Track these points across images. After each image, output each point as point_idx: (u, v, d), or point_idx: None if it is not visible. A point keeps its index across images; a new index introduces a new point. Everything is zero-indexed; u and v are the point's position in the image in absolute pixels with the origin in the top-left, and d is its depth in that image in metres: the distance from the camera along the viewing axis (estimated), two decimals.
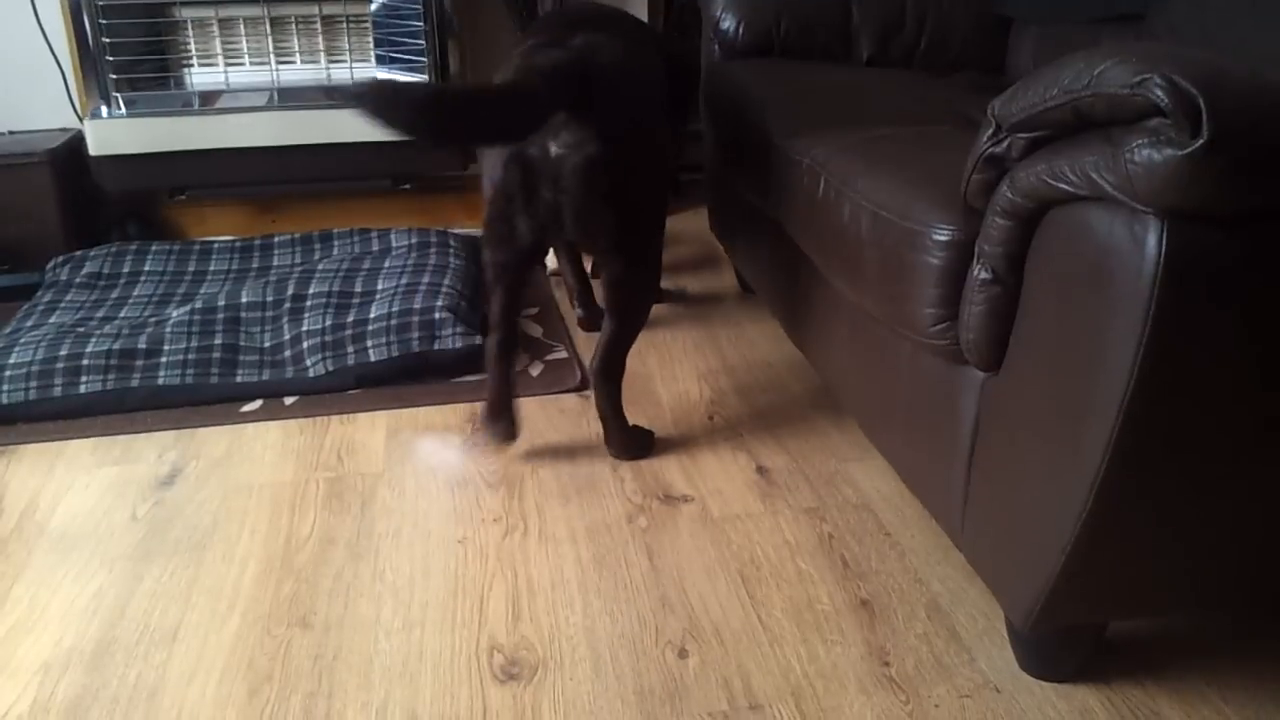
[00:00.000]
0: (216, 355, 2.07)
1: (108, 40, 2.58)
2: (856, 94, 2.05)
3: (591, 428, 1.95)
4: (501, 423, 1.84)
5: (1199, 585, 1.25)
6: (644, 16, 3.22)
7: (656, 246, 1.80)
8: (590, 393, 2.06)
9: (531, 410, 2.02)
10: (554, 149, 1.58)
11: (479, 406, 2.02)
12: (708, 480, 1.78)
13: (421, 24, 2.67)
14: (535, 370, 2.17)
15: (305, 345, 2.10)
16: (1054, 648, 1.33)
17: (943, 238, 1.28)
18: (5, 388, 1.94)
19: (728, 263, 2.72)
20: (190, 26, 2.70)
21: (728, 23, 2.36)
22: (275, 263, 2.55)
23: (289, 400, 2.03)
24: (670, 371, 2.15)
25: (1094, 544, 1.13)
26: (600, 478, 1.80)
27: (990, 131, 1.19)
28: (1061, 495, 1.12)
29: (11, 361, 1.99)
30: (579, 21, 1.87)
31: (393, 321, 2.13)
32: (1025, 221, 1.16)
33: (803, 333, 1.91)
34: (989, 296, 1.22)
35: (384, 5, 2.72)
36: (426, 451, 1.88)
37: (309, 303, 2.21)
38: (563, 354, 2.24)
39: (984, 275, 1.22)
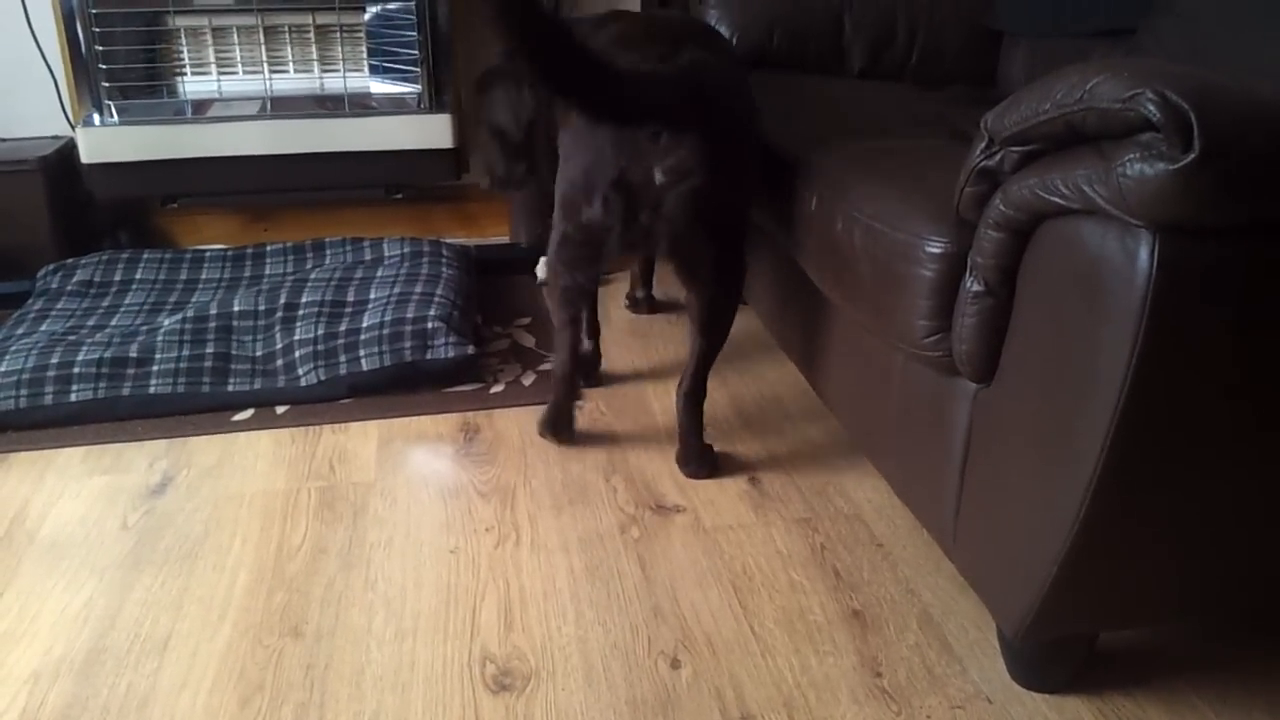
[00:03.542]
0: (208, 364, 2.07)
1: (100, 48, 2.57)
2: (849, 106, 2.06)
3: (584, 437, 1.95)
4: (564, 434, 1.93)
5: (1190, 595, 1.26)
6: None
7: (744, 264, 1.77)
8: (583, 403, 2.07)
9: (524, 420, 2.02)
10: (658, 175, 1.56)
11: (470, 416, 2.03)
12: (700, 491, 1.78)
13: (415, 34, 2.67)
14: (527, 380, 2.17)
15: (297, 354, 2.10)
16: (1045, 658, 1.33)
17: (935, 250, 1.28)
18: None
19: None
20: (184, 35, 2.70)
21: (722, 33, 2.37)
22: (267, 271, 2.54)
23: (281, 409, 2.02)
24: (663, 382, 2.15)
25: (1085, 555, 1.13)
26: (592, 488, 1.80)
27: (983, 145, 1.20)
28: (1053, 506, 1.13)
29: (2, 370, 1.98)
30: (667, 35, 1.73)
31: (385, 331, 2.12)
32: (1017, 234, 1.17)
33: (795, 344, 1.92)
34: (981, 308, 1.22)
35: (378, 15, 2.73)
36: (419, 461, 1.88)
37: (301, 311, 2.21)
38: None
39: (976, 287, 1.22)
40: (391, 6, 2.70)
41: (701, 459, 1.84)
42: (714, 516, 1.71)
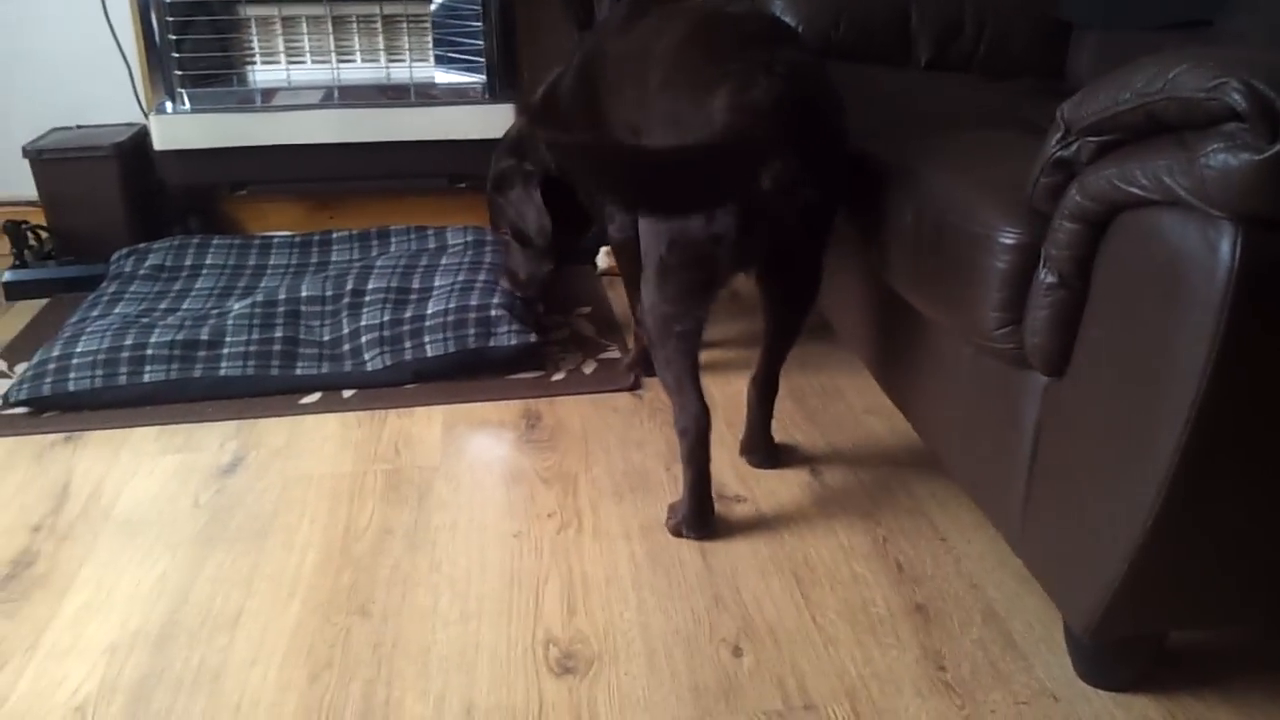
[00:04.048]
0: (277, 348, 2.11)
1: (174, 37, 2.63)
2: (917, 97, 2.04)
3: (644, 426, 1.96)
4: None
5: (1263, 596, 1.24)
6: None
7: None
8: (643, 392, 2.08)
9: (584, 408, 2.03)
10: (771, 183, 1.43)
11: (532, 403, 2.05)
12: (761, 481, 1.79)
13: (480, 24, 2.69)
14: (588, 368, 2.19)
15: (364, 340, 2.13)
16: (1113, 656, 1.32)
17: (1009, 241, 1.27)
18: (72, 375, 1.99)
19: None
20: (254, 24, 2.75)
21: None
22: (334, 258, 2.58)
23: (347, 393, 2.06)
24: (723, 373, 2.15)
25: (1158, 552, 1.12)
26: (653, 476, 1.80)
27: (1059, 135, 1.18)
28: (1126, 502, 1.12)
29: (79, 350, 2.03)
30: (750, 35, 1.58)
31: (450, 318, 2.15)
32: (1094, 225, 1.15)
33: (860, 336, 1.91)
34: (1055, 301, 1.21)
35: (443, 5, 2.75)
36: (482, 446, 1.90)
37: (367, 298, 2.24)
38: (615, 353, 2.25)
39: (1050, 279, 1.21)
40: None
41: (768, 450, 1.83)
42: (775, 507, 1.71)
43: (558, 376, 2.16)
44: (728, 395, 2.04)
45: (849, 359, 2.20)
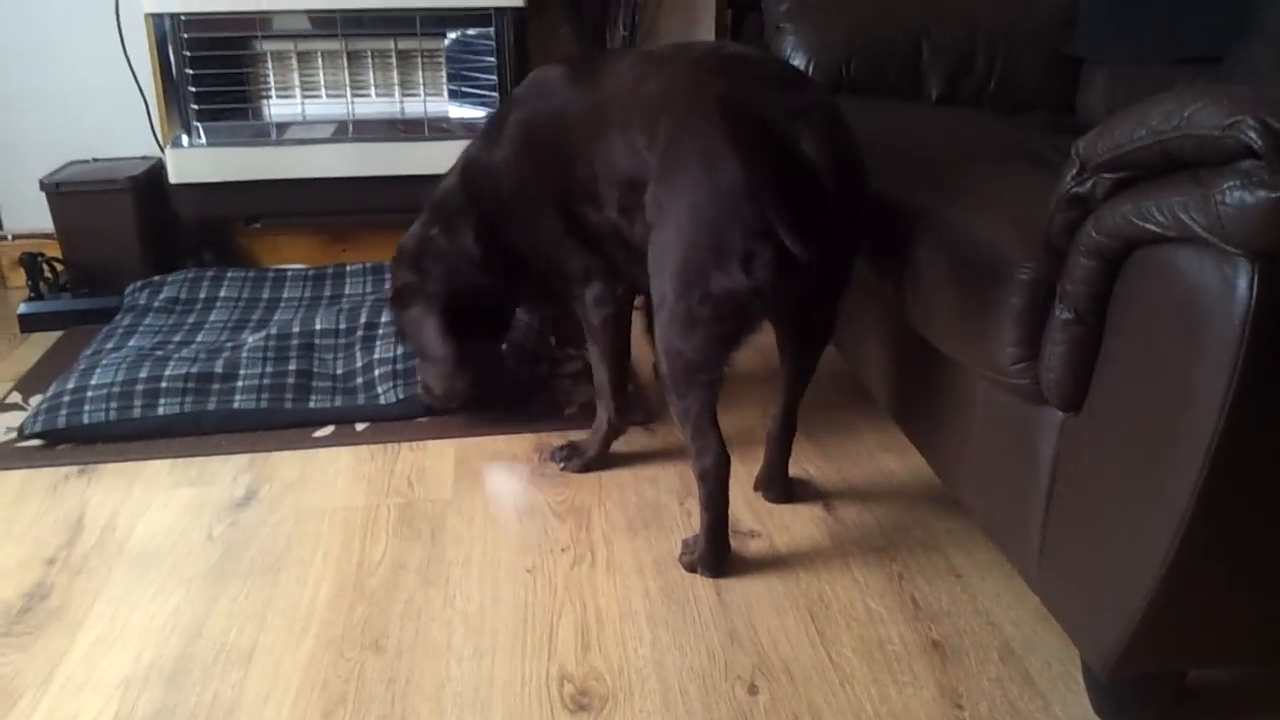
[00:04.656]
0: (290, 380, 2.11)
1: (190, 71, 2.66)
2: (929, 132, 2.05)
3: (657, 461, 1.96)
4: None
5: None
6: None
7: None
8: (655, 426, 2.08)
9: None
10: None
11: (544, 437, 2.04)
12: (774, 516, 1.78)
13: (493, 59, 2.72)
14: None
15: (377, 373, 2.14)
16: (1132, 694, 1.31)
17: (1024, 277, 1.27)
18: (87, 408, 1.99)
19: None
20: (270, 59, 2.77)
21: (797, 60, 2.38)
22: (347, 291, 2.60)
23: (360, 426, 2.06)
24: (732, 404, 2.15)
25: (1178, 590, 1.11)
26: (667, 511, 1.80)
27: (1074, 171, 1.19)
28: (1145, 539, 1.11)
29: (93, 382, 2.04)
30: (776, 75, 1.58)
31: None
32: (1110, 261, 1.16)
33: (872, 372, 1.91)
34: (1071, 336, 1.21)
35: (457, 40, 2.78)
36: (494, 480, 1.90)
37: (381, 331, 2.25)
38: (629, 388, 2.24)
39: (1066, 315, 1.21)
40: (471, 33, 2.75)
41: (784, 485, 1.83)
42: (789, 543, 1.71)
43: (570, 410, 2.16)
44: (739, 429, 2.04)
45: (863, 394, 2.20)
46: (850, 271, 1.61)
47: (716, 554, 1.61)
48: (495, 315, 2.04)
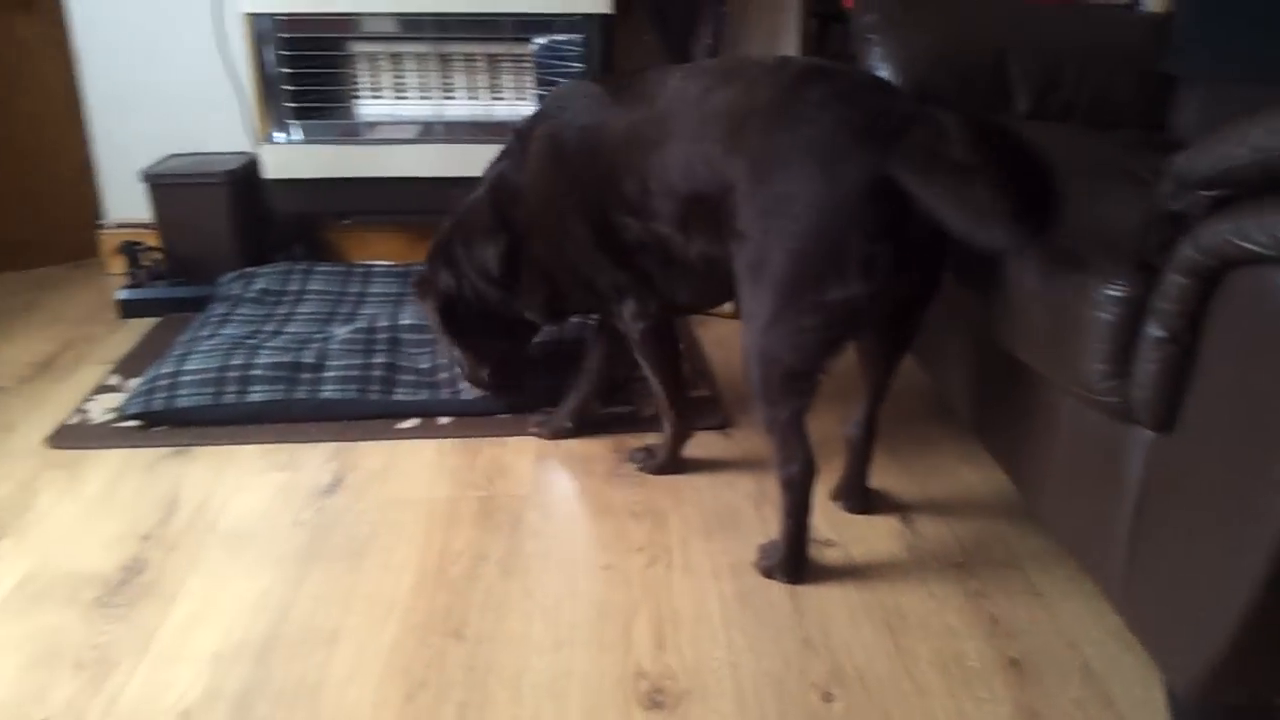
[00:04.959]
0: (377, 373, 2.16)
1: (286, 70, 2.73)
2: None
3: (734, 465, 1.97)
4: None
5: None
6: None
7: None
8: (732, 431, 2.09)
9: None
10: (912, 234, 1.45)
11: (622, 438, 2.07)
12: (851, 527, 1.78)
13: (581, 64, 2.75)
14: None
15: (458, 372, 2.18)
16: None
17: (1116, 294, 1.26)
18: (183, 392, 2.06)
19: None
20: (363, 60, 2.84)
21: (883, 72, 2.37)
22: None
23: (443, 420, 2.10)
24: (811, 415, 2.14)
25: (1269, 615, 1.09)
26: (743, 515, 1.81)
27: (1171, 188, 1.18)
28: (1236, 562, 1.10)
29: (189, 368, 2.11)
30: (854, 78, 1.57)
31: (547, 350, 2.19)
32: (1206, 280, 1.14)
33: (955, 386, 1.90)
34: (1163, 355, 1.20)
35: (545, 46, 2.82)
36: (573, 478, 1.93)
37: None
38: (706, 392, 2.26)
39: (1159, 333, 1.20)
40: (559, 38, 2.79)
41: (864, 495, 1.83)
42: (866, 554, 1.71)
43: (648, 412, 2.17)
44: (815, 439, 2.04)
45: (943, 407, 2.19)
46: (942, 274, 1.61)
47: (795, 561, 1.62)
48: (510, 322, 2.02)
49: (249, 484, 1.89)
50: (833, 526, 1.78)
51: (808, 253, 1.45)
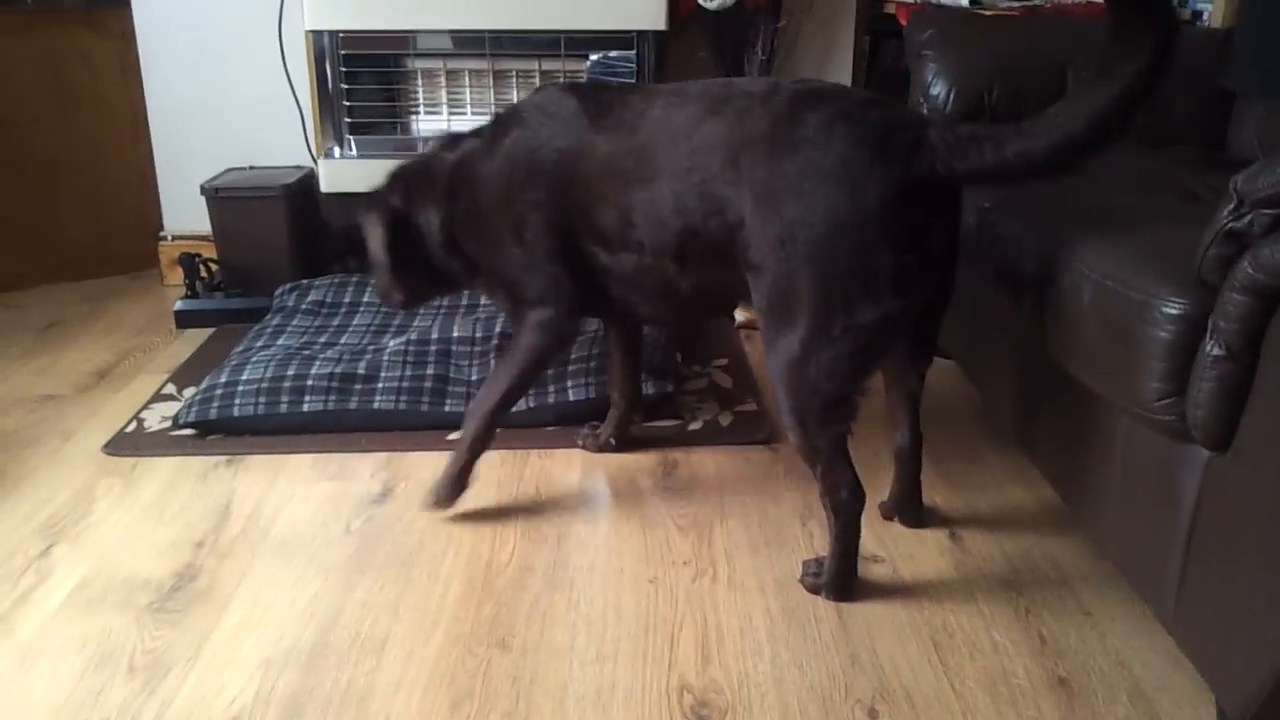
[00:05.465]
0: (428, 385, 2.19)
1: (345, 86, 2.78)
2: None
3: (780, 480, 1.97)
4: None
5: None
6: (846, 82, 3.26)
7: None
8: (778, 446, 2.09)
9: (720, 459, 2.05)
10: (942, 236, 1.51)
11: (668, 452, 2.07)
12: (899, 543, 1.77)
13: (635, 80, 2.77)
14: (725, 420, 2.20)
15: None
16: None
17: (1173, 311, 1.25)
18: (237, 401, 2.10)
19: None
20: (420, 76, 2.88)
21: (938, 89, 2.37)
22: (483, 301, 2.67)
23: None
24: (859, 430, 2.13)
25: None
26: (788, 530, 1.81)
27: (1231, 206, 1.17)
28: None
29: (244, 378, 2.15)
30: (852, 95, 1.58)
31: (591, 364, 2.20)
32: (1266, 299, 1.13)
33: (1003, 401, 1.89)
34: (1221, 374, 1.18)
35: (599, 61, 2.85)
36: (619, 490, 1.94)
37: None
38: (753, 406, 2.26)
39: (1217, 351, 1.18)
40: (613, 54, 2.81)
41: (917, 508, 1.82)
42: (913, 570, 1.69)
43: (694, 426, 2.18)
44: (862, 454, 2.02)
45: (990, 422, 2.17)
46: (956, 274, 1.61)
47: (844, 581, 1.61)
48: (439, 270, 1.92)
49: (300, 492, 1.92)
50: (880, 542, 1.77)
51: (837, 277, 1.45)
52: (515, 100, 2.85)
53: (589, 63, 2.84)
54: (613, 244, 1.70)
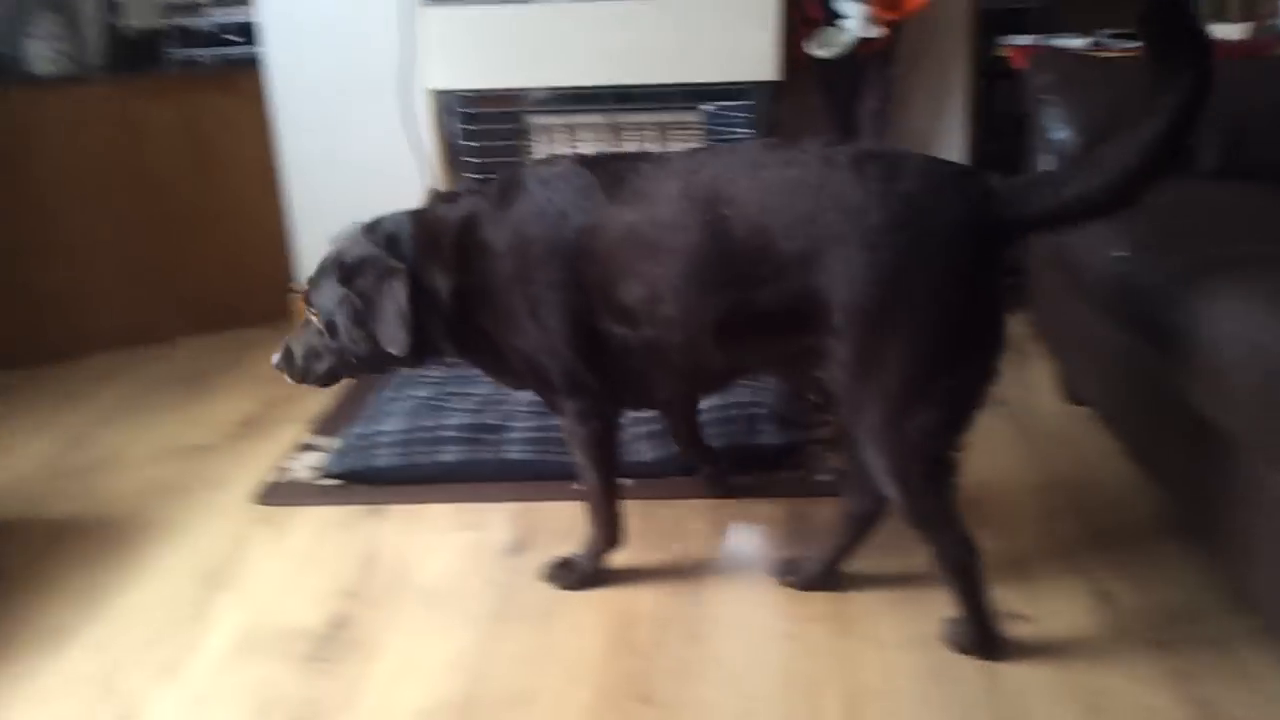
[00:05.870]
0: (557, 434, 2.22)
1: (466, 143, 2.87)
2: (1208, 206, 1.99)
3: (912, 533, 1.94)
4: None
5: None
6: (961, 128, 3.25)
7: None
8: None
9: None
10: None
11: (798, 502, 2.07)
12: (1044, 600, 1.73)
13: (749, 130, 2.80)
14: None
15: (636, 431, 2.22)
16: None
17: None
18: (380, 452, 2.17)
19: (1041, 369, 2.62)
20: (539, 131, 2.95)
21: (1061, 133, 2.34)
22: None
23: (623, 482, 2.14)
24: (997, 483, 2.10)
25: None
26: (925, 584, 1.77)
27: None
28: None
29: (385, 429, 2.22)
30: (901, 157, 1.52)
31: (716, 414, 2.22)
32: None
33: (1150, 454, 1.84)
34: None
35: (713, 114, 2.88)
36: (751, 542, 1.95)
37: None
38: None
39: None
40: (728, 105, 2.84)
41: (838, 578, 1.79)
42: (1063, 630, 1.65)
43: (822, 477, 2.17)
44: (1002, 510, 2.00)
45: (1139, 474, 2.11)
46: None
47: (985, 638, 1.59)
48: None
49: (440, 542, 1.97)
50: (1027, 600, 1.73)
51: (938, 339, 1.44)
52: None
53: (704, 114, 2.88)
54: (638, 321, 1.61)
